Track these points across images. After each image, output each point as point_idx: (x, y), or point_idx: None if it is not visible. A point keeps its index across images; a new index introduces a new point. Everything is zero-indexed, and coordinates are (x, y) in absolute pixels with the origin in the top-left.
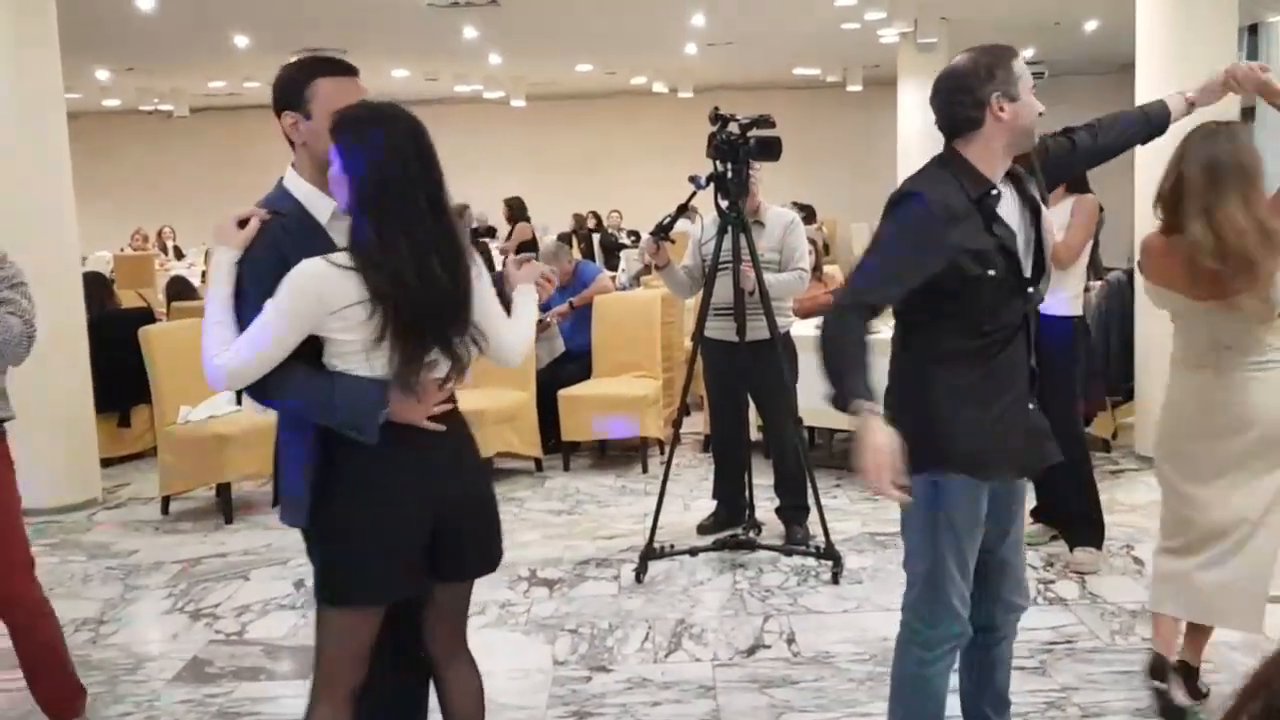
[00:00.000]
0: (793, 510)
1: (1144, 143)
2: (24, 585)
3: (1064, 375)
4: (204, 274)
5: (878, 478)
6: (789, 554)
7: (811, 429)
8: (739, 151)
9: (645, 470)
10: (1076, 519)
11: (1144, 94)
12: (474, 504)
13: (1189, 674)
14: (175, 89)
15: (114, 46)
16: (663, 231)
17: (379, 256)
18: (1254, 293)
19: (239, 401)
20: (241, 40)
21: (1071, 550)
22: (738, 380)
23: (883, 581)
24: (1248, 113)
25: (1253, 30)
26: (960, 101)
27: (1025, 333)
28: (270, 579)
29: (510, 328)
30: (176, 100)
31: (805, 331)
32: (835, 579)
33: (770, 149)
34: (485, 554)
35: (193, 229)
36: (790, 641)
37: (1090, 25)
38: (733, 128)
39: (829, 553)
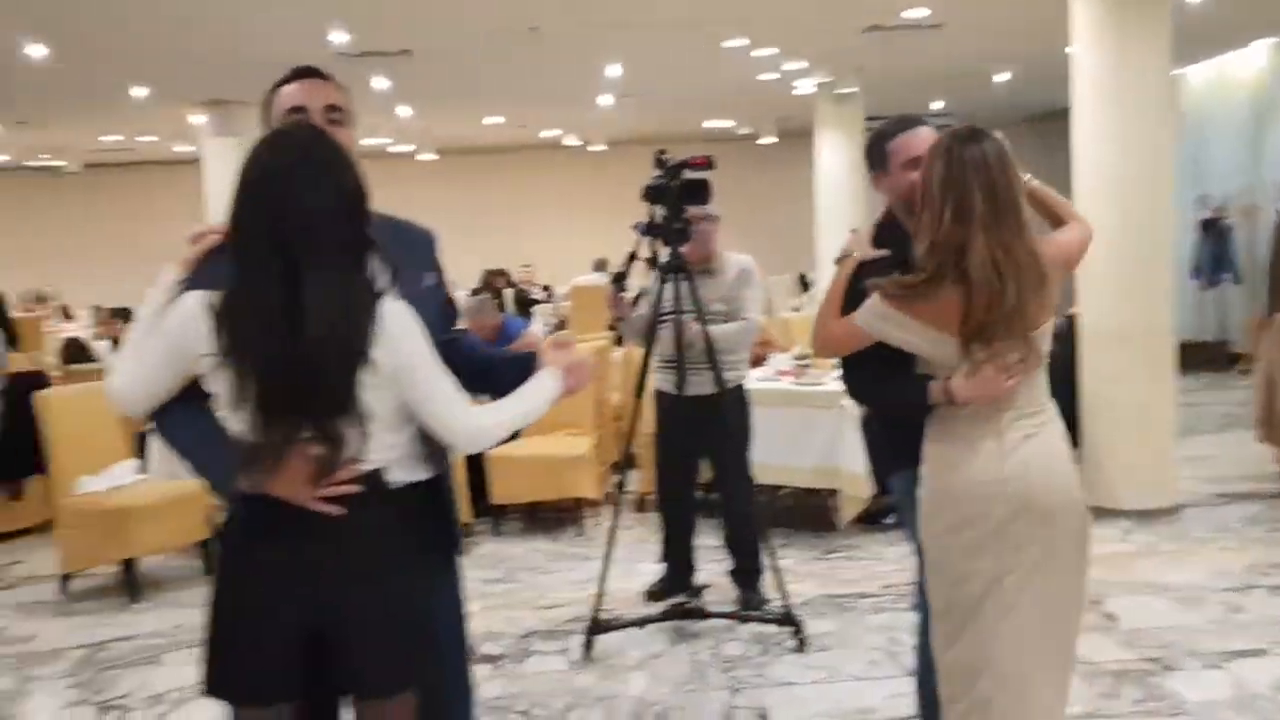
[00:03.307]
0: (747, 573)
1: None
2: None
3: None
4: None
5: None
6: (744, 620)
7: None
8: (665, 195)
9: (581, 534)
10: None
11: (1081, 140)
12: (365, 611)
13: None
14: (66, 144)
15: (3, 99)
16: (619, 281)
17: (229, 304)
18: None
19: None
20: (139, 91)
21: None
22: (686, 435)
23: (851, 648)
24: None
25: None
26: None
27: None
28: (184, 663)
29: (458, 407)
30: (67, 155)
31: (756, 384)
32: (801, 646)
33: (695, 192)
34: (380, 672)
35: (87, 288)
36: (764, 718)
37: (1000, 77)
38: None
39: (789, 618)
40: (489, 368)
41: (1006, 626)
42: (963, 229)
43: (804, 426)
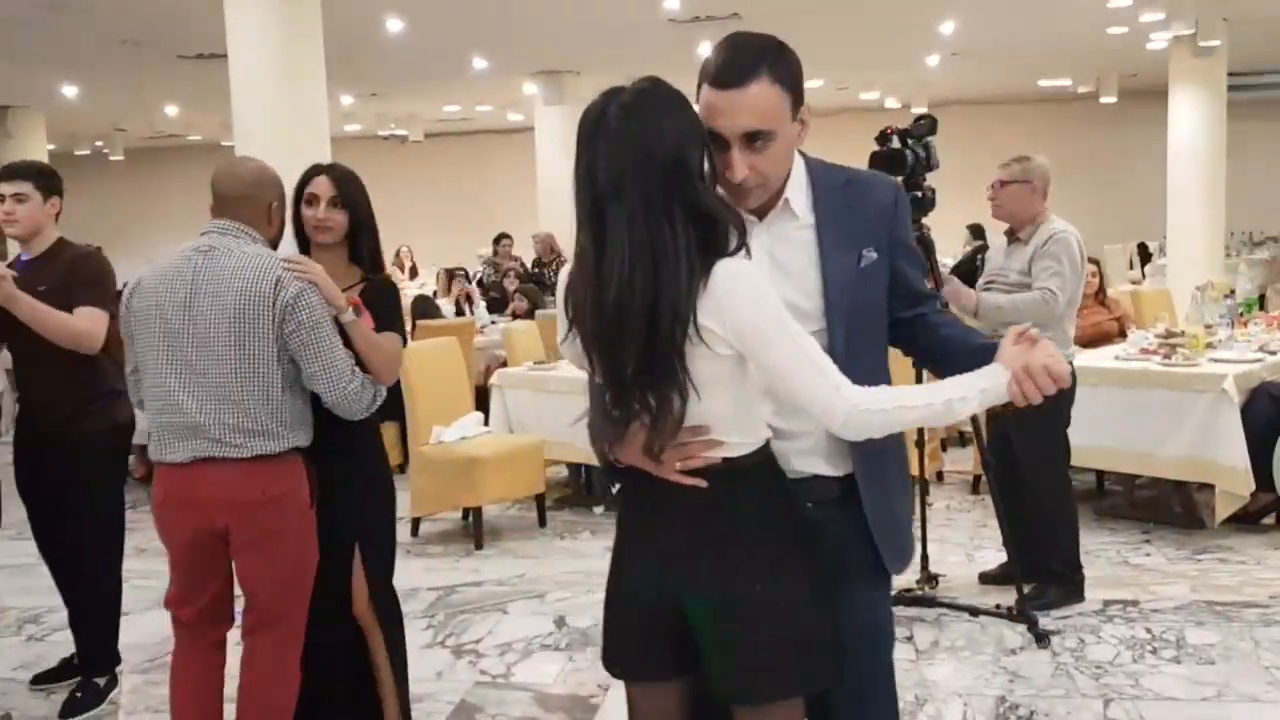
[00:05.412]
0: (1031, 568)
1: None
2: None
3: None
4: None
5: None
6: (974, 614)
7: (1100, 474)
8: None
9: (918, 513)
10: None
11: None
12: (719, 604)
13: None
14: (412, 114)
15: (360, 72)
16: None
17: (571, 270)
18: None
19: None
20: (480, 63)
21: None
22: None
23: (1241, 663)
24: None
25: None
26: None
27: None
28: (529, 614)
29: (822, 383)
30: (411, 125)
31: (1088, 362)
32: (1039, 642)
33: (881, 162)
34: (736, 675)
35: (425, 251)
36: None
37: None
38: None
39: (1023, 616)
40: (944, 352)
41: None
42: None
43: (1171, 412)
